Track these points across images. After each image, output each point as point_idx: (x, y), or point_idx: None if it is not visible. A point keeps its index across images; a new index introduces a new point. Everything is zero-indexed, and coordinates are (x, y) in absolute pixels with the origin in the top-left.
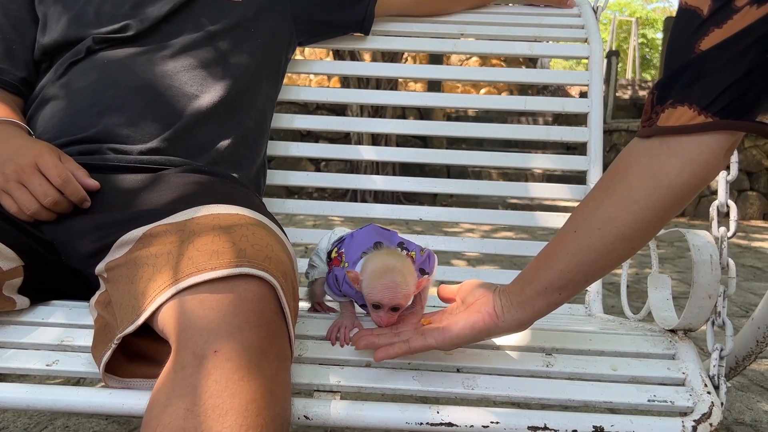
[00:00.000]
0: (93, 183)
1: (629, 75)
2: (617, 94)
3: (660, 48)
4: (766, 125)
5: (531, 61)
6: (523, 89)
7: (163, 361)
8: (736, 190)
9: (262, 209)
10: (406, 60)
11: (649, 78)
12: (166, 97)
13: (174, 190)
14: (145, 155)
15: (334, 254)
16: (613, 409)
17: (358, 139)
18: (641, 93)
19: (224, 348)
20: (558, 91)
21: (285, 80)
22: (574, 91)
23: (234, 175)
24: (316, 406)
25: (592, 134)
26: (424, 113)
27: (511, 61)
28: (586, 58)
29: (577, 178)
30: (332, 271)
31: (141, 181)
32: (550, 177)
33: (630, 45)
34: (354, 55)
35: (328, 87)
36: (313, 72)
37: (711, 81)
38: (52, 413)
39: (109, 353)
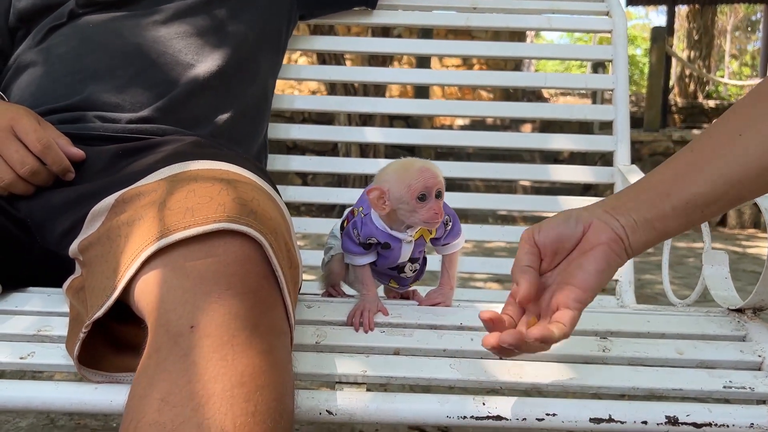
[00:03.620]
0: (78, 152)
1: None
2: None
3: (639, 64)
4: None
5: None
6: (507, 94)
7: None
8: None
9: (261, 172)
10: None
11: (629, 93)
12: (159, 65)
13: (160, 153)
14: (134, 124)
15: (346, 223)
16: (684, 397)
17: (346, 151)
18: None
19: (201, 322)
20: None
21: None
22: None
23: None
24: (339, 399)
25: (619, 112)
26: (411, 124)
27: (492, 65)
28: (609, 31)
29: (566, 189)
30: (347, 229)
31: (128, 150)
32: (538, 189)
33: None
34: (339, 60)
35: (316, 95)
36: (301, 78)
37: None
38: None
39: (78, 345)
